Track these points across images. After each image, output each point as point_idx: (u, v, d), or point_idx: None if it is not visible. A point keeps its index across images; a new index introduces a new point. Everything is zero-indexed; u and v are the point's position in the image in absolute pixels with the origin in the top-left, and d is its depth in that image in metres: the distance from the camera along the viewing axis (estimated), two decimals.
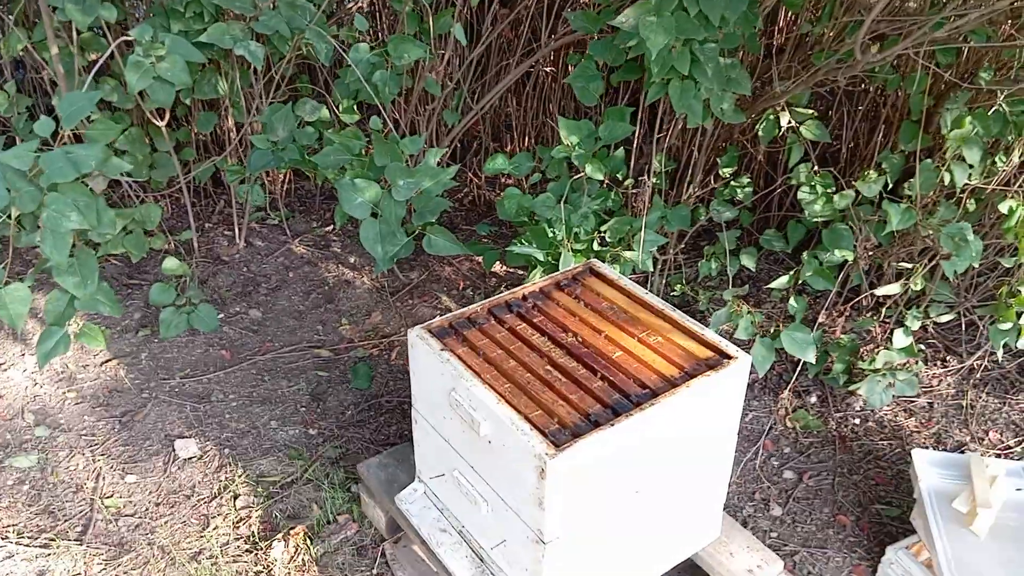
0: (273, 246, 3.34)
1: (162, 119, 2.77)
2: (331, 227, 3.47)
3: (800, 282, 2.72)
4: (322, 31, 2.58)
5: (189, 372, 2.76)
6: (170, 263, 2.81)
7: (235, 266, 3.21)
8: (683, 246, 3.18)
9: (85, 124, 2.49)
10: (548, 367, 1.79)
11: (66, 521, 2.28)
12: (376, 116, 2.70)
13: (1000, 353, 2.61)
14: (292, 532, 2.25)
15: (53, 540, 2.22)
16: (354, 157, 2.62)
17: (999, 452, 2.62)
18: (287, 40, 2.63)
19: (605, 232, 2.64)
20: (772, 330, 2.58)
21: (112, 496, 2.36)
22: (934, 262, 2.66)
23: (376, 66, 2.68)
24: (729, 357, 1.79)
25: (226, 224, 3.38)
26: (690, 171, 3.11)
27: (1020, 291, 2.47)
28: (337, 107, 2.89)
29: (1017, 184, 2.57)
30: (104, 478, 2.41)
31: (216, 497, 2.36)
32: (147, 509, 2.33)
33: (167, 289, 2.76)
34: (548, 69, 3.53)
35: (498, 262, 3.25)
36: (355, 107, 2.89)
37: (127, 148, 2.87)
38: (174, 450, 2.49)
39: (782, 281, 2.70)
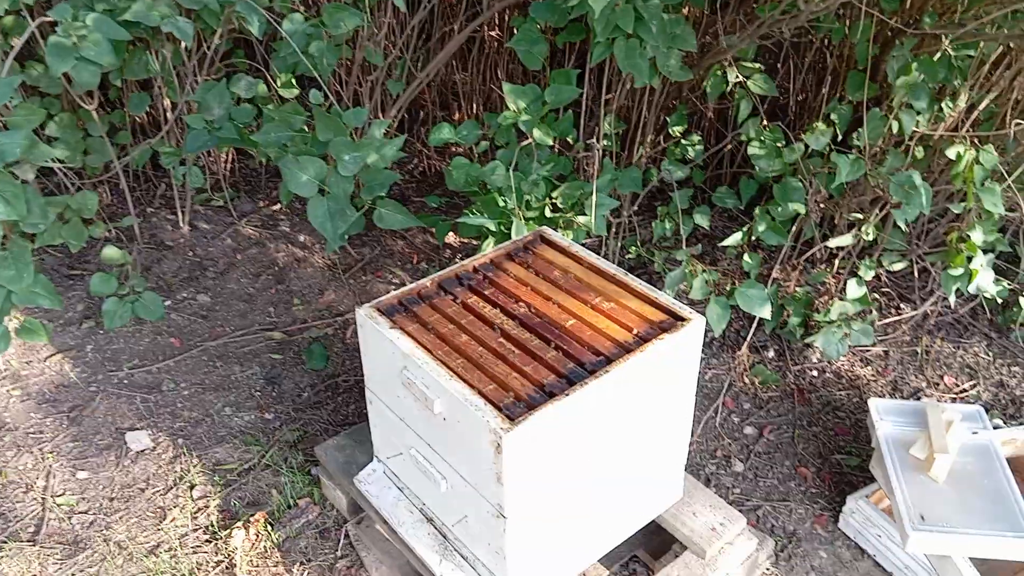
0: (219, 228, 3.25)
1: (92, 102, 2.66)
2: (278, 205, 3.39)
3: (754, 238, 2.71)
4: (253, 3, 2.48)
5: (137, 362, 2.68)
6: (109, 252, 2.73)
7: (180, 251, 3.12)
8: (636, 208, 3.15)
9: (10, 111, 2.38)
10: (501, 339, 1.76)
11: (18, 522, 2.22)
12: (316, 89, 2.62)
13: (952, 298, 2.63)
14: (252, 519, 2.21)
15: (5, 542, 2.16)
16: (296, 133, 2.54)
17: (955, 396, 2.65)
18: (217, 14, 2.53)
19: (557, 198, 2.60)
20: (728, 287, 2.58)
21: (64, 494, 2.30)
22: (885, 211, 2.66)
23: (312, 37, 2.59)
24: (682, 319, 1.77)
25: (169, 208, 3.29)
26: (640, 132, 3.08)
27: (970, 236, 2.48)
28: (276, 82, 2.80)
29: (964, 129, 2.57)
30: (55, 476, 2.34)
31: (172, 488, 2.31)
32: (101, 505, 2.27)
33: (108, 279, 2.67)
34: (493, 33, 3.46)
35: (452, 233, 3.20)
36: (294, 81, 2.80)
37: (58, 135, 2.76)
38: (126, 443, 2.43)
39: (735, 238, 2.69)
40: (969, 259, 2.51)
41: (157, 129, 3.21)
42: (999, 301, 2.85)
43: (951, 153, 2.44)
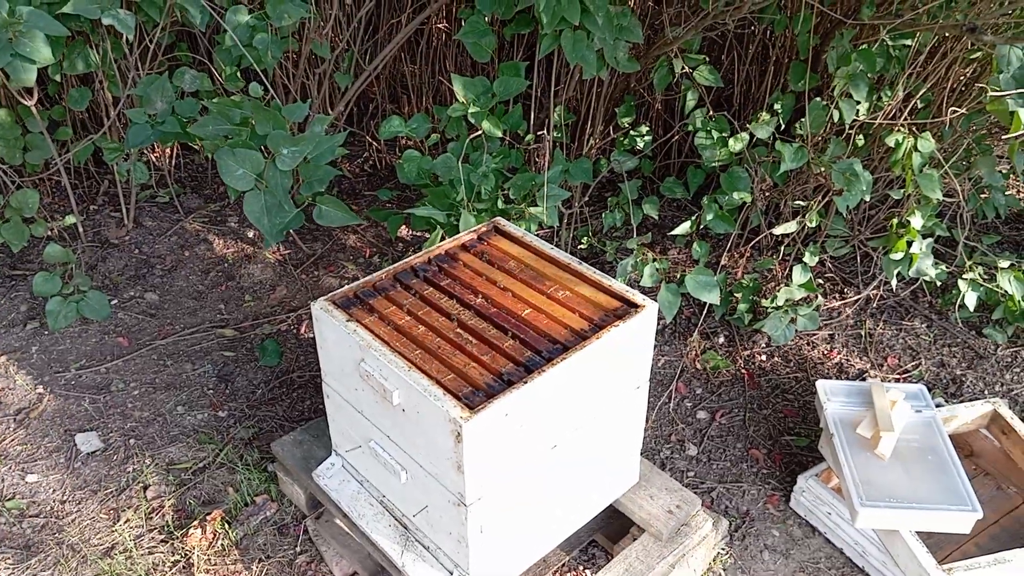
0: (165, 225, 3.19)
1: (31, 98, 2.60)
2: (225, 201, 3.34)
3: (702, 227, 2.76)
4: None
5: (85, 363, 2.63)
6: (52, 250, 2.66)
7: (125, 249, 3.06)
8: (587, 199, 3.18)
9: None
10: (458, 330, 1.76)
11: None
12: (257, 82, 2.59)
13: (894, 282, 2.71)
14: (209, 518, 2.19)
15: None
16: (236, 126, 2.50)
17: (898, 376, 2.74)
18: (159, 6, 2.49)
19: (508, 190, 2.61)
20: (679, 275, 2.62)
21: (13, 498, 2.25)
22: (827, 198, 2.73)
23: (256, 29, 2.56)
24: (636, 306, 1.80)
25: (112, 205, 3.22)
26: (590, 123, 3.11)
27: (910, 222, 2.56)
28: (221, 75, 2.76)
29: (903, 118, 2.65)
30: (3, 480, 2.29)
31: (125, 489, 2.27)
32: (52, 508, 2.22)
33: (52, 278, 2.61)
34: (441, 25, 3.45)
35: (404, 226, 3.19)
36: (239, 74, 2.76)
37: None
38: (76, 445, 2.38)
39: (684, 227, 2.73)
40: (909, 244, 2.59)
41: (99, 124, 3.14)
42: (938, 284, 2.94)
43: (890, 141, 2.51)
